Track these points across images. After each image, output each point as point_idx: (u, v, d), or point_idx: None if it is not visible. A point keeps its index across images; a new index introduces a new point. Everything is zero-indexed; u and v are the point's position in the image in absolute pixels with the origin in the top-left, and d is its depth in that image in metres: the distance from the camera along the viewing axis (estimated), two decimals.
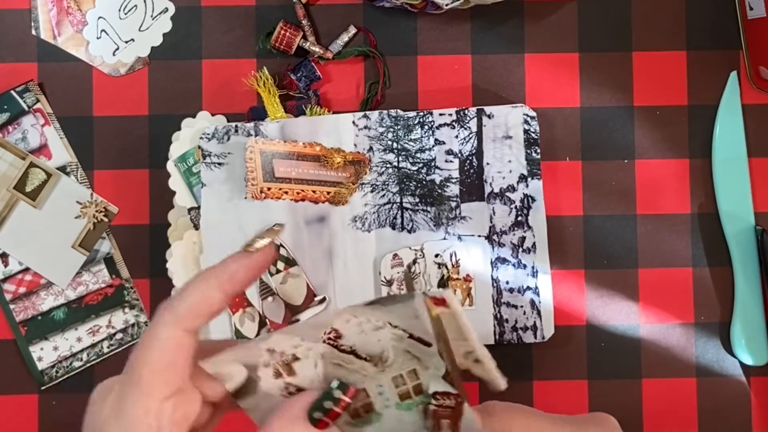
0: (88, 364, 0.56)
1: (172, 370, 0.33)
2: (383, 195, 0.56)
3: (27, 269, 0.56)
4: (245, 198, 0.55)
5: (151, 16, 0.57)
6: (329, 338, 0.34)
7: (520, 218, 0.56)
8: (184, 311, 0.33)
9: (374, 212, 0.55)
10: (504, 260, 0.56)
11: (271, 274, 0.55)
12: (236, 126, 0.55)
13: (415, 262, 0.55)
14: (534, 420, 0.40)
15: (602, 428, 0.40)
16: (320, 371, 0.35)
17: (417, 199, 0.56)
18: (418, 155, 0.56)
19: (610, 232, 0.57)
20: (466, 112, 0.56)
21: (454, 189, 0.56)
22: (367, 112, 0.56)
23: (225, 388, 0.35)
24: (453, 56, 0.57)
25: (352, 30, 0.57)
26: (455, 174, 0.56)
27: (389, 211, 0.56)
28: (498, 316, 0.55)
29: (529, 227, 0.56)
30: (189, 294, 0.33)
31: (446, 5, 0.53)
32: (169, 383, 0.33)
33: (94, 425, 0.33)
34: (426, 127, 0.56)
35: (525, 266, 0.55)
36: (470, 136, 0.56)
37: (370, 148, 0.56)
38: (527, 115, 0.56)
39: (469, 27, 0.57)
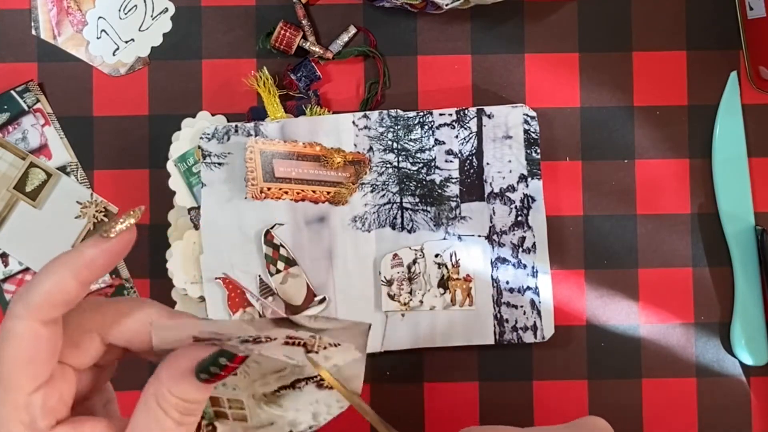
0: None
1: (34, 364, 0.31)
2: (383, 195, 0.56)
3: (27, 269, 0.56)
4: (245, 198, 0.55)
5: (151, 16, 0.57)
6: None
7: (520, 218, 0.56)
8: (38, 302, 0.31)
9: (374, 212, 0.55)
10: (504, 260, 0.56)
11: (271, 274, 0.55)
12: (236, 126, 0.55)
13: (415, 262, 0.55)
14: None
15: None
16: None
17: (417, 199, 0.56)
18: (418, 155, 0.56)
19: (610, 232, 0.57)
20: (466, 112, 0.56)
21: (454, 189, 0.56)
22: (367, 112, 0.56)
23: (91, 356, 0.34)
24: (453, 56, 0.57)
25: (352, 30, 0.57)
26: (455, 174, 0.56)
27: (389, 211, 0.56)
28: (498, 316, 0.55)
29: (529, 227, 0.56)
30: (41, 283, 0.31)
31: (446, 5, 0.53)
32: (34, 377, 0.31)
33: None
34: (426, 127, 0.56)
35: (525, 266, 0.55)
36: (470, 136, 0.56)
37: (370, 148, 0.56)
38: (527, 115, 0.56)
39: (469, 27, 0.57)
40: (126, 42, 0.57)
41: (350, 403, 0.36)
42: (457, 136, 0.56)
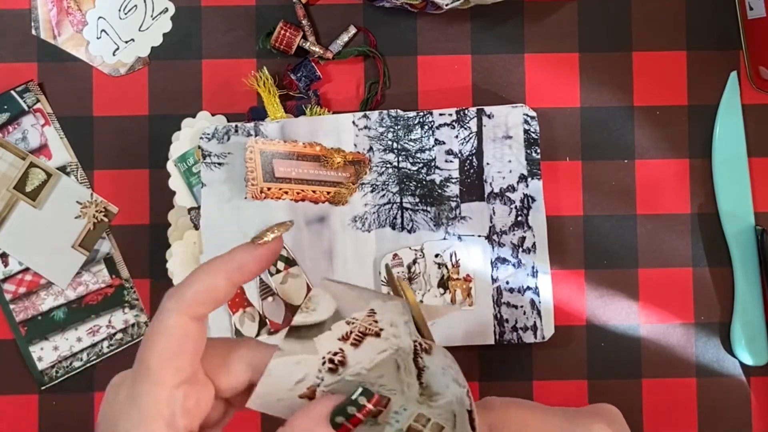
0: (88, 364, 0.56)
1: (181, 357, 0.33)
2: (383, 195, 0.56)
3: (27, 269, 0.56)
4: (245, 198, 0.55)
5: (151, 16, 0.57)
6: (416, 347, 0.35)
7: (520, 218, 0.56)
8: (190, 298, 0.33)
9: (374, 212, 0.55)
10: (504, 260, 0.56)
11: (271, 274, 0.55)
12: (236, 126, 0.55)
13: (415, 262, 0.55)
14: (531, 413, 0.40)
15: (602, 418, 0.40)
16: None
17: (417, 199, 0.56)
18: (418, 155, 0.56)
19: (610, 232, 0.57)
20: (466, 112, 0.56)
21: (454, 189, 0.56)
22: (367, 112, 0.56)
23: (237, 382, 0.35)
24: (453, 56, 0.57)
25: (352, 30, 0.57)
26: (455, 174, 0.56)
27: (389, 211, 0.56)
28: (498, 316, 0.55)
29: (529, 227, 0.56)
30: (195, 281, 0.34)
31: (446, 5, 0.53)
32: (179, 371, 0.33)
33: (108, 418, 0.33)
34: (426, 127, 0.56)
35: (525, 266, 0.55)
36: (470, 136, 0.56)
37: (370, 148, 0.56)
38: (527, 115, 0.56)
39: (469, 27, 0.57)
40: (126, 42, 0.57)
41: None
42: (457, 136, 0.56)
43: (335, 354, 0.35)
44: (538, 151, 0.56)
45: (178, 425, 0.33)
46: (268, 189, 0.55)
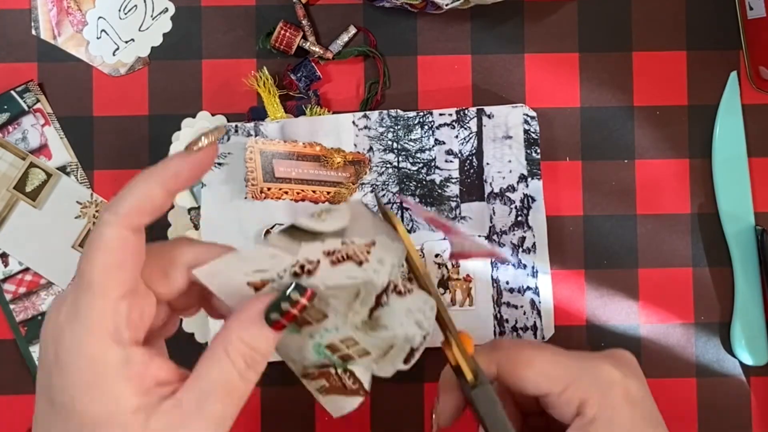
0: None
1: (122, 269, 0.32)
2: (383, 195, 0.56)
3: (27, 269, 0.56)
4: (245, 198, 0.55)
5: (151, 16, 0.57)
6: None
7: (520, 218, 0.56)
8: (127, 209, 0.33)
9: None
10: (504, 260, 0.56)
11: None
12: (236, 126, 0.55)
13: None
14: (539, 351, 0.40)
15: (615, 361, 0.40)
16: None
17: (417, 199, 0.56)
18: (418, 155, 0.56)
19: (610, 232, 0.57)
20: (466, 112, 0.56)
21: (454, 189, 0.56)
22: (367, 112, 0.56)
23: (178, 287, 0.35)
24: (453, 56, 0.57)
25: (352, 30, 0.57)
26: (455, 174, 0.56)
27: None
28: (498, 316, 0.55)
29: (529, 227, 0.56)
30: (130, 192, 0.33)
31: (446, 5, 0.53)
32: (121, 283, 0.32)
33: (49, 334, 0.33)
34: (426, 127, 0.56)
35: (525, 266, 0.55)
36: (470, 136, 0.56)
37: (370, 148, 0.56)
38: (527, 115, 0.56)
39: (469, 27, 0.57)
40: (126, 42, 0.57)
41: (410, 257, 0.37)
42: (457, 136, 0.56)
43: (310, 262, 0.35)
44: (538, 151, 0.56)
45: (123, 337, 0.32)
46: (268, 189, 0.55)
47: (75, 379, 0.32)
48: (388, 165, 0.56)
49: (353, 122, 0.56)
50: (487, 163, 0.56)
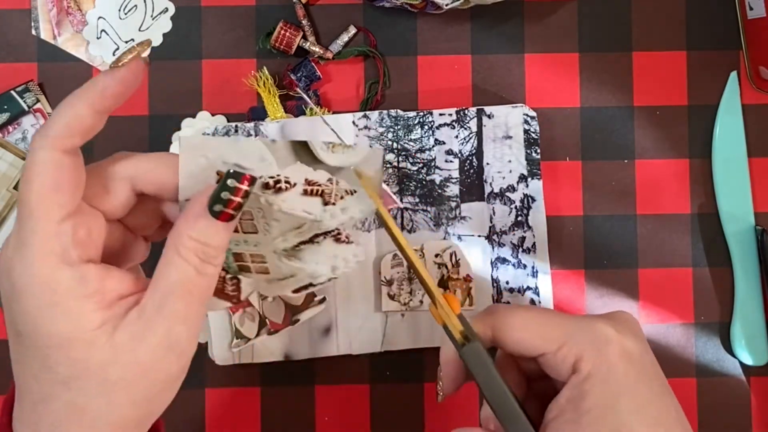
0: None
1: (60, 191, 0.32)
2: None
3: None
4: None
5: (151, 16, 0.57)
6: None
7: (520, 218, 0.56)
8: (57, 131, 0.33)
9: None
10: (504, 260, 0.56)
11: None
12: (236, 126, 0.55)
13: None
14: (535, 313, 0.40)
15: (611, 320, 0.40)
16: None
17: (417, 199, 0.56)
18: (418, 155, 0.56)
19: (610, 232, 0.57)
20: (466, 112, 0.56)
21: (454, 189, 0.56)
22: (367, 112, 0.56)
23: (121, 200, 0.35)
24: (453, 56, 0.57)
25: (352, 30, 0.57)
26: (455, 174, 0.56)
27: (389, 211, 0.56)
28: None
29: (529, 227, 0.56)
30: (58, 115, 0.33)
31: (446, 5, 0.53)
32: (61, 205, 0.32)
33: (2, 271, 0.33)
34: (426, 127, 0.56)
35: (525, 266, 0.55)
36: (470, 136, 0.56)
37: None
38: (527, 115, 0.56)
39: (469, 27, 0.57)
40: (126, 42, 0.57)
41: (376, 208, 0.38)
42: (457, 136, 0.56)
43: (287, 182, 0.35)
44: (538, 151, 0.56)
45: (71, 257, 0.32)
46: None
47: (32, 304, 0.32)
48: (388, 165, 0.56)
49: (353, 122, 0.56)
50: (487, 163, 0.56)
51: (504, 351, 0.40)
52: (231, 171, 0.33)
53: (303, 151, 0.36)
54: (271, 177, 0.35)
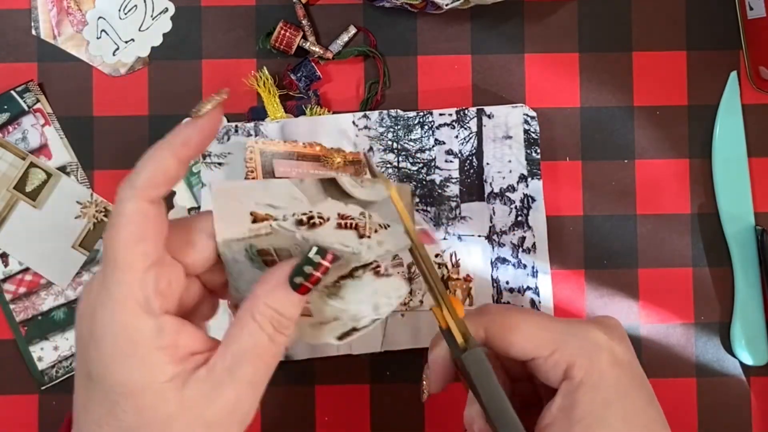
0: None
1: (145, 241, 0.33)
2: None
3: (27, 269, 0.56)
4: None
5: (151, 16, 0.57)
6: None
7: (520, 218, 0.56)
8: (143, 182, 0.34)
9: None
10: (504, 260, 0.56)
11: None
12: (236, 126, 0.55)
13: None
14: (528, 317, 0.40)
15: (601, 326, 0.40)
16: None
17: (417, 199, 0.56)
18: (418, 155, 0.56)
19: (610, 232, 0.57)
20: (466, 112, 0.56)
21: (454, 189, 0.56)
22: (367, 112, 0.56)
23: (204, 255, 0.36)
24: (453, 56, 0.57)
25: (352, 30, 0.57)
26: (455, 174, 0.56)
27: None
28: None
29: (529, 227, 0.56)
30: (145, 166, 0.34)
31: (446, 5, 0.53)
32: (145, 255, 0.33)
33: (83, 312, 0.34)
34: (426, 127, 0.56)
35: (525, 266, 0.55)
36: (470, 136, 0.56)
37: (370, 148, 0.56)
38: (527, 115, 0.56)
39: (469, 27, 0.57)
40: (126, 42, 0.57)
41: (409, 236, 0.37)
42: (457, 136, 0.56)
43: (320, 218, 0.36)
44: (538, 151, 0.56)
45: (152, 307, 0.33)
46: None
47: (110, 350, 0.33)
48: (388, 165, 0.56)
49: (353, 122, 0.56)
50: (487, 163, 0.56)
51: (493, 352, 0.40)
52: (317, 248, 0.34)
53: (332, 187, 0.36)
54: (304, 213, 0.36)
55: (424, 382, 0.42)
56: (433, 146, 0.56)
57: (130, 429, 0.33)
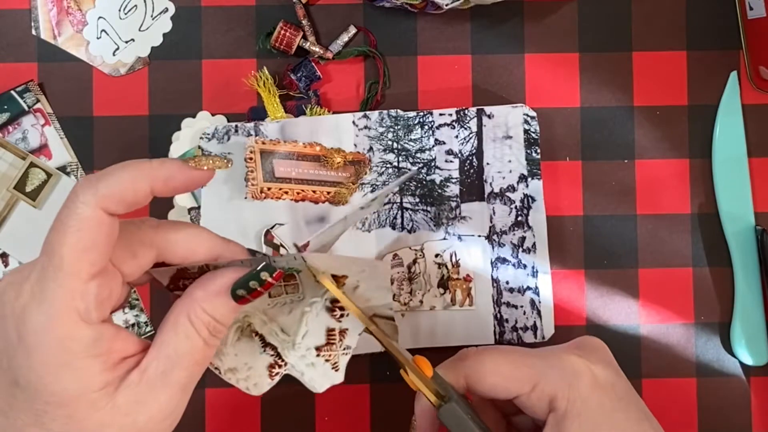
0: None
1: (95, 250, 0.32)
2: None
3: None
4: (245, 198, 0.55)
5: (151, 16, 0.57)
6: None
7: (520, 218, 0.56)
8: (108, 192, 0.32)
9: (374, 212, 0.56)
10: (504, 260, 0.56)
11: None
12: (236, 126, 0.55)
13: (415, 262, 0.55)
14: (504, 357, 0.40)
15: (580, 350, 0.40)
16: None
17: (417, 199, 0.56)
18: (418, 155, 0.56)
19: (610, 232, 0.57)
20: (466, 112, 0.56)
21: (454, 189, 0.56)
22: (367, 112, 0.56)
23: (141, 268, 0.35)
24: (453, 56, 0.57)
25: (352, 30, 0.57)
26: (455, 174, 0.56)
27: (389, 211, 0.56)
28: (498, 316, 0.55)
29: (529, 227, 0.56)
30: (115, 177, 0.32)
31: (446, 5, 0.53)
32: (93, 264, 0.32)
33: (9, 313, 0.32)
34: (426, 127, 0.56)
35: (525, 266, 0.55)
36: (470, 136, 0.56)
37: (370, 148, 0.56)
38: (527, 115, 0.56)
39: (469, 27, 0.57)
40: (126, 42, 0.57)
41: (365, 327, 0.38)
42: (457, 136, 0.56)
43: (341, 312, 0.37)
44: (538, 151, 0.56)
45: (92, 317, 0.32)
46: (268, 189, 0.55)
47: (43, 359, 0.31)
48: (388, 165, 0.56)
49: (353, 122, 0.56)
50: (487, 163, 0.56)
51: (479, 396, 0.40)
52: (267, 263, 0.33)
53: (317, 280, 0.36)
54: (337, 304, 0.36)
55: None
56: (433, 146, 0.56)
57: None
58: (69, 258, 0.31)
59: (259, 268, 0.33)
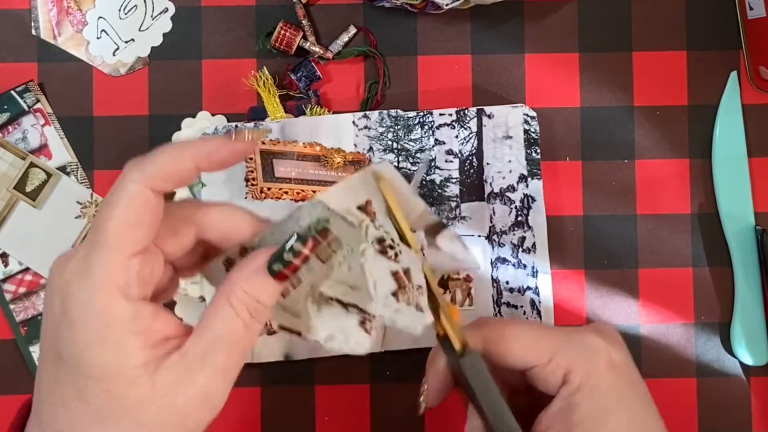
0: None
1: (140, 227, 0.33)
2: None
3: (27, 269, 0.56)
4: (245, 198, 0.55)
5: (151, 16, 0.57)
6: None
7: (520, 218, 0.56)
8: (154, 171, 0.33)
9: None
10: (504, 260, 0.56)
11: None
12: (236, 126, 0.55)
13: None
14: (526, 326, 0.40)
15: (598, 332, 0.40)
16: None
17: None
18: (418, 155, 0.56)
19: (610, 232, 0.57)
20: (466, 112, 0.56)
21: (454, 189, 0.56)
22: (367, 112, 0.56)
23: (186, 246, 0.36)
24: (453, 56, 0.57)
25: (352, 30, 0.57)
26: (455, 174, 0.56)
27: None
28: (498, 316, 0.55)
29: (529, 227, 0.56)
30: (162, 156, 0.33)
31: (446, 5, 0.53)
32: (137, 241, 0.33)
33: (56, 288, 0.33)
34: (426, 127, 0.56)
35: (525, 266, 0.55)
36: (470, 136, 0.56)
37: (370, 148, 0.56)
38: (527, 115, 0.56)
39: (469, 27, 0.57)
40: (126, 42, 0.57)
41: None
42: (457, 136, 0.56)
43: (397, 250, 0.37)
44: (538, 151, 0.56)
45: (132, 293, 0.33)
46: (268, 189, 0.55)
47: (84, 332, 0.32)
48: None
49: (353, 122, 0.56)
50: (487, 163, 0.56)
51: (492, 364, 0.40)
52: (299, 233, 0.33)
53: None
54: (393, 240, 0.36)
55: (422, 396, 0.42)
56: (433, 146, 0.56)
57: (99, 412, 0.32)
58: (114, 233, 0.32)
59: (291, 241, 0.34)
